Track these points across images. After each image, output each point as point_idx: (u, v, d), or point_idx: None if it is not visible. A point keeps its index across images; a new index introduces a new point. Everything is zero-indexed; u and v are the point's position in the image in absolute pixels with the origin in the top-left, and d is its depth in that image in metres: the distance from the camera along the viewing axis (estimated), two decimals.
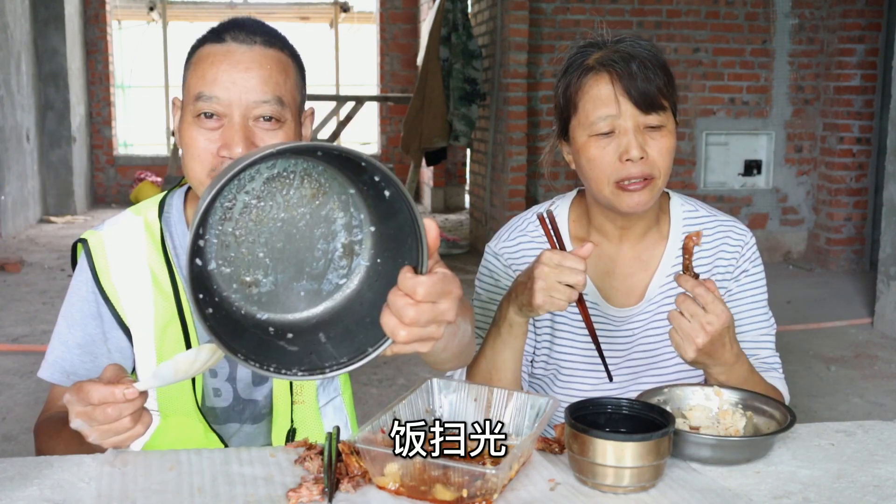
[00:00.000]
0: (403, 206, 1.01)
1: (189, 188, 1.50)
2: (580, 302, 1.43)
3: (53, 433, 1.36)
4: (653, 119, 1.46)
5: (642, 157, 1.45)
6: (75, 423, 1.15)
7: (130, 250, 1.44)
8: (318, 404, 1.54)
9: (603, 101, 1.46)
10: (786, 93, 6.94)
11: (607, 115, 1.46)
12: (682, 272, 1.39)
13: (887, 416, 3.71)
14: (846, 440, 1.31)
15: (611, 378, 1.45)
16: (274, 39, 1.37)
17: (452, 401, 1.27)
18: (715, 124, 6.88)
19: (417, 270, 1.00)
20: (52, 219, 8.85)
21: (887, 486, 1.17)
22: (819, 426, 1.36)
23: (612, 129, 1.46)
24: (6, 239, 7.71)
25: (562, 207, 1.66)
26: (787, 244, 7.10)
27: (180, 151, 1.39)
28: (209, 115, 1.32)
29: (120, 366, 1.19)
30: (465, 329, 1.28)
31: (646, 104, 1.45)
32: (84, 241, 1.45)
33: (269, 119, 1.33)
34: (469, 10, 7.17)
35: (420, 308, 0.98)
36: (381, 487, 1.11)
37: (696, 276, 1.39)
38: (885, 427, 1.37)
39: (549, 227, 1.44)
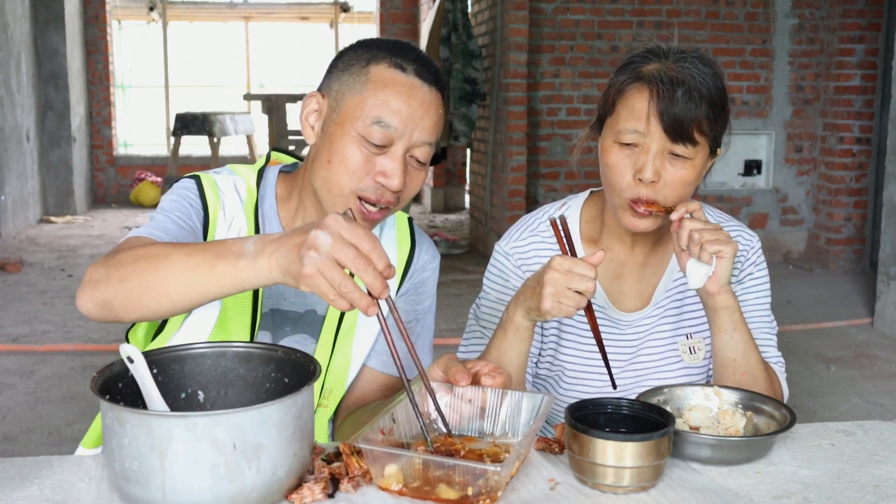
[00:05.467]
0: None
1: (283, 168, 1.54)
2: (588, 310, 1.41)
3: (166, 243, 1.22)
4: (679, 149, 1.44)
5: (654, 182, 1.44)
6: (326, 220, 1.06)
7: (236, 199, 1.46)
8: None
9: (635, 115, 1.44)
10: (786, 93, 6.94)
11: (634, 130, 1.44)
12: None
13: (887, 416, 3.71)
14: (846, 440, 1.31)
15: (615, 386, 1.44)
16: (439, 78, 1.41)
17: (447, 402, 1.27)
18: None
19: None
20: (52, 219, 8.85)
21: (887, 486, 1.17)
22: (819, 426, 1.36)
23: (636, 144, 1.45)
24: (6, 239, 7.71)
25: (573, 208, 1.65)
26: (787, 244, 7.10)
27: (305, 148, 1.45)
28: (377, 143, 1.35)
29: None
30: None
31: (675, 132, 1.42)
32: (196, 177, 1.46)
33: (420, 161, 1.39)
34: (469, 10, 7.16)
35: None
36: (383, 489, 1.11)
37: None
38: (885, 427, 1.37)
39: (562, 232, 1.42)
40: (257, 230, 1.45)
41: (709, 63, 1.48)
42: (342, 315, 1.49)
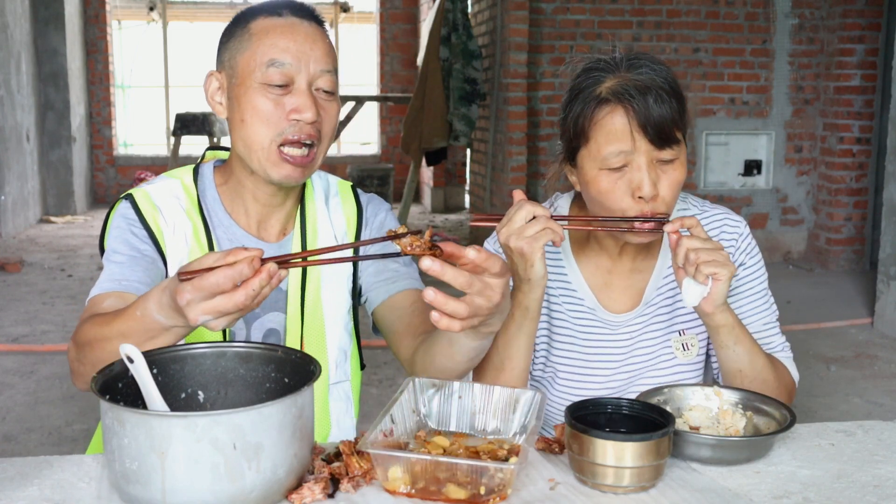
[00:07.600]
0: None
1: (216, 163, 1.58)
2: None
3: (106, 320, 1.29)
4: (666, 153, 1.43)
5: (654, 196, 1.42)
6: (183, 299, 1.11)
7: (174, 202, 1.52)
8: (329, 382, 1.57)
9: (617, 137, 1.42)
10: (786, 93, 6.94)
11: (621, 151, 1.42)
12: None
13: (887, 416, 3.71)
14: (846, 440, 1.31)
15: None
16: (316, 15, 1.49)
17: (438, 400, 1.27)
18: (715, 124, 6.88)
19: None
20: (52, 219, 8.85)
21: (887, 486, 1.17)
22: (819, 426, 1.36)
23: (625, 164, 1.43)
24: (6, 239, 7.71)
25: (561, 209, 1.65)
26: (787, 244, 7.10)
27: (214, 116, 1.48)
28: (278, 83, 1.41)
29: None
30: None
31: (661, 140, 1.41)
32: (129, 196, 1.52)
33: (328, 91, 1.45)
34: (469, 10, 7.16)
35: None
36: (392, 492, 1.11)
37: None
38: (885, 427, 1.37)
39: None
40: (206, 225, 1.50)
41: (657, 59, 1.48)
42: (304, 283, 1.54)
